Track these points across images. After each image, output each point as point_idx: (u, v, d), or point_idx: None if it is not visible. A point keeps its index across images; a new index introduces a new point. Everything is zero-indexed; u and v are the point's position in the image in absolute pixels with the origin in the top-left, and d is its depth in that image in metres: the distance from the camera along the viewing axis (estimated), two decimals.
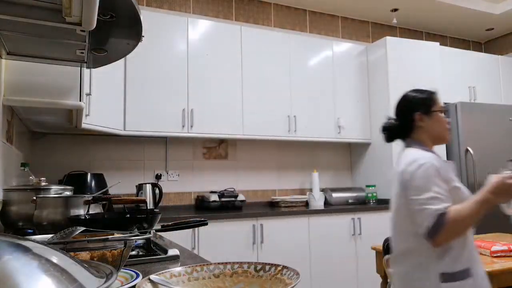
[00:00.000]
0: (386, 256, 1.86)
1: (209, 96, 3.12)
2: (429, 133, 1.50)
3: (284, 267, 0.63)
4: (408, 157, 1.43)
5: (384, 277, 2.05)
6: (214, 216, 2.74)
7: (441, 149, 3.59)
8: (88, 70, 2.19)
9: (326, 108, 3.56)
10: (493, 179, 1.28)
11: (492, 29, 4.66)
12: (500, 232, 2.61)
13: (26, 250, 0.42)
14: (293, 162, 3.77)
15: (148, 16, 2.97)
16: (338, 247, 3.13)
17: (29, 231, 1.47)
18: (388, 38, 3.61)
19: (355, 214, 3.22)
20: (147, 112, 2.92)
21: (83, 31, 1.21)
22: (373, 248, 2.11)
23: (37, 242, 0.46)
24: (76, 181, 2.66)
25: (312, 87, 3.53)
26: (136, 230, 1.07)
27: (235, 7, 3.71)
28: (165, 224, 1.10)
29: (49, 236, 0.92)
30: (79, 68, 1.82)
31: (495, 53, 4.89)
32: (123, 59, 2.84)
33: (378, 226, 3.29)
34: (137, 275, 0.74)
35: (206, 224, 1.12)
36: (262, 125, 3.28)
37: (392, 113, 1.59)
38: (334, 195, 3.55)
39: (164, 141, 3.29)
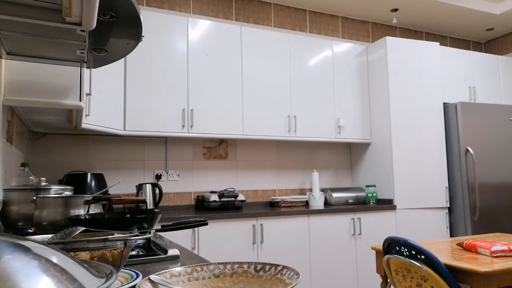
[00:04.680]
0: (386, 256, 1.86)
1: (209, 96, 3.12)
2: None
3: (284, 267, 0.63)
4: None
5: (384, 277, 2.05)
6: (214, 216, 2.74)
7: (441, 149, 3.59)
8: (88, 70, 2.20)
9: (326, 108, 3.56)
10: None
11: (492, 29, 4.66)
12: (500, 232, 2.61)
13: (26, 250, 0.42)
14: (293, 162, 3.77)
15: (148, 16, 2.97)
16: (338, 247, 3.13)
17: (29, 231, 1.47)
18: (388, 38, 3.61)
19: (355, 214, 3.22)
20: (147, 112, 2.92)
21: (83, 31, 1.21)
22: (373, 248, 2.11)
23: (37, 242, 0.46)
24: (76, 181, 2.66)
25: (312, 87, 3.53)
26: (136, 230, 1.07)
27: (235, 7, 3.71)
28: (165, 224, 1.10)
29: (49, 236, 0.92)
30: (79, 68, 1.82)
31: (495, 53, 4.89)
32: (123, 59, 2.85)
33: (378, 226, 3.29)
34: (137, 275, 0.74)
35: (206, 224, 1.12)
36: (262, 125, 3.28)
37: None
38: (334, 195, 3.55)
39: (164, 141, 3.29)
